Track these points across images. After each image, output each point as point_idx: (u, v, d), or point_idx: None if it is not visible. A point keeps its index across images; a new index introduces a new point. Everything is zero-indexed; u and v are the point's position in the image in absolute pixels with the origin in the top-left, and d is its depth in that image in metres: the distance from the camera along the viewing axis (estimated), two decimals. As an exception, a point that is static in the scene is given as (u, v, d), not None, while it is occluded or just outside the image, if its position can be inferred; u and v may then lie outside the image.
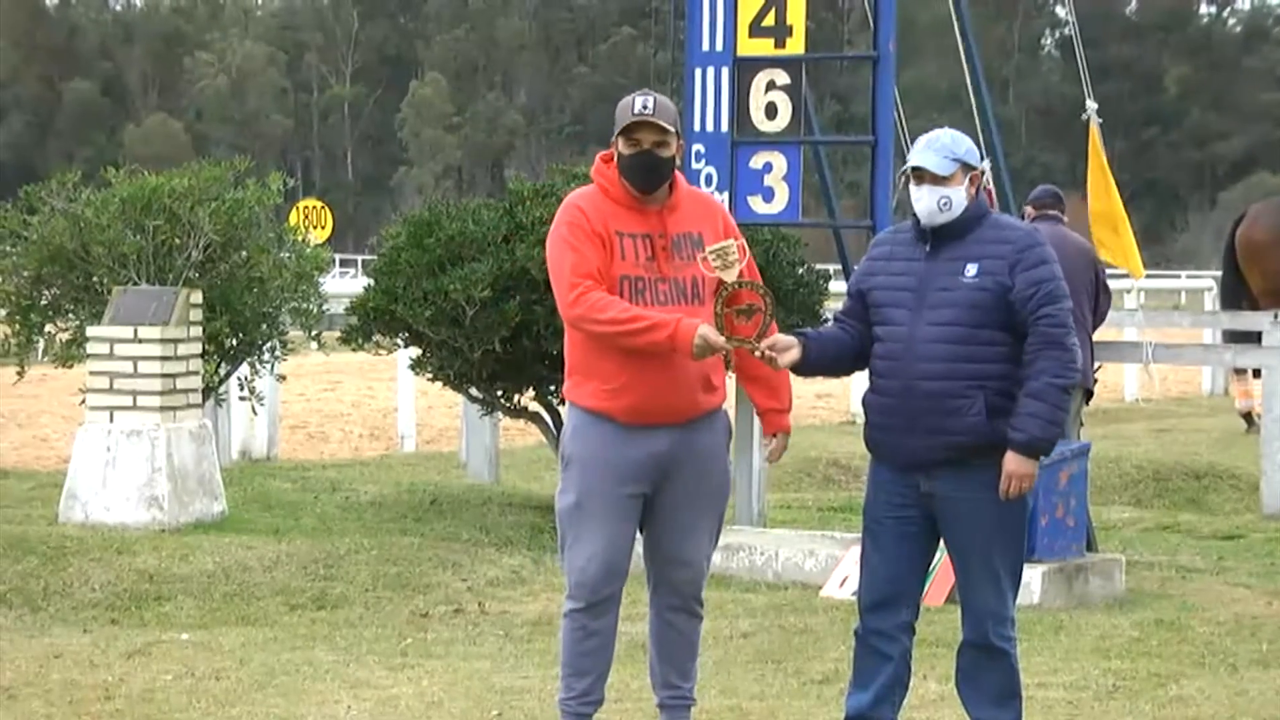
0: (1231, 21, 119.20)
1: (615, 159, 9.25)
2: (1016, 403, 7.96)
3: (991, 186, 16.11)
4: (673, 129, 9.24)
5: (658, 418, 8.87)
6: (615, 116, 9.33)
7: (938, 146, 8.30)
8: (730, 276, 8.53)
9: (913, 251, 8.27)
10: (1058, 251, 14.92)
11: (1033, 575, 13.12)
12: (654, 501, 8.99)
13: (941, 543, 8.38)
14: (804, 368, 8.39)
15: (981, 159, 8.45)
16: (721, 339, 8.42)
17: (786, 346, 8.24)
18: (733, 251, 8.64)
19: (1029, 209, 15.27)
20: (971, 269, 8.09)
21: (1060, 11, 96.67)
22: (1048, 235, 14.76)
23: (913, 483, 8.19)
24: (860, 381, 19.46)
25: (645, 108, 9.16)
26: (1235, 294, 26.84)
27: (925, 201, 8.15)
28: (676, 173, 9.40)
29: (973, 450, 7.99)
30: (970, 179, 8.26)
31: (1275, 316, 24.01)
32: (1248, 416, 24.48)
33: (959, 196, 8.15)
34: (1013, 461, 7.90)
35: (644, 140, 9.06)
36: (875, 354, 8.28)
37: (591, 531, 8.89)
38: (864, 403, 8.47)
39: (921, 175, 8.17)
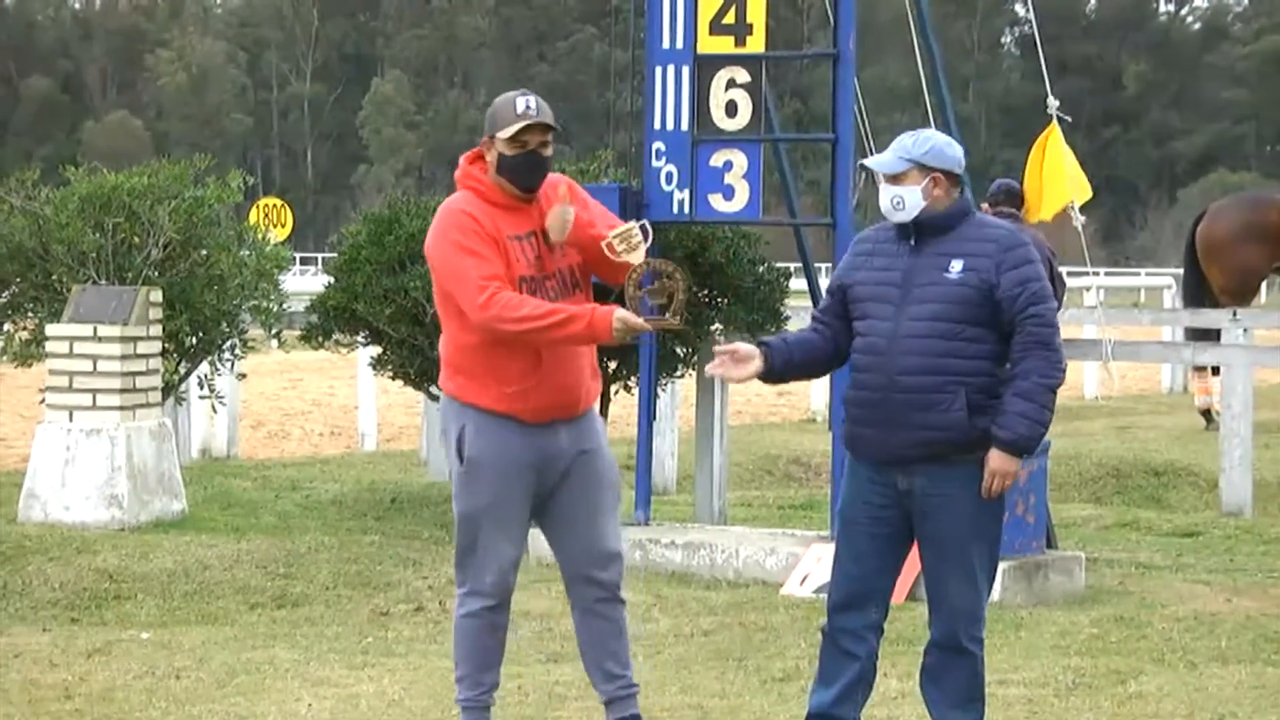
0: (1190, 19, 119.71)
1: (492, 159, 9.18)
2: (1002, 401, 7.95)
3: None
4: (556, 127, 9.31)
5: (559, 414, 9.00)
6: (493, 117, 9.28)
7: (896, 146, 8.25)
8: (637, 258, 8.60)
9: (896, 248, 8.20)
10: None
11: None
12: (555, 498, 9.09)
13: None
14: (770, 376, 8.35)
15: (961, 163, 8.31)
16: (640, 320, 8.56)
17: (747, 357, 8.16)
18: (636, 234, 8.69)
19: (985, 206, 15.22)
20: (956, 265, 8.04)
21: (1020, 9, 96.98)
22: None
23: (890, 480, 8.12)
24: (822, 380, 19.49)
25: (529, 108, 9.13)
26: (1196, 291, 26.94)
27: (881, 200, 8.11)
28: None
29: (953, 447, 7.96)
30: (933, 179, 8.13)
31: (1235, 314, 24.10)
32: (1207, 414, 24.59)
33: (913, 196, 8.08)
34: (997, 459, 7.93)
35: (530, 141, 9.06)
36: (857, 349, 8.19)
37: (504, 531, 8.98)
38: (845, 399, 8.33)
39: (880, 175, 8.10)
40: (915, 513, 8.11)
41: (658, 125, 14.32)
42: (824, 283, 15.00)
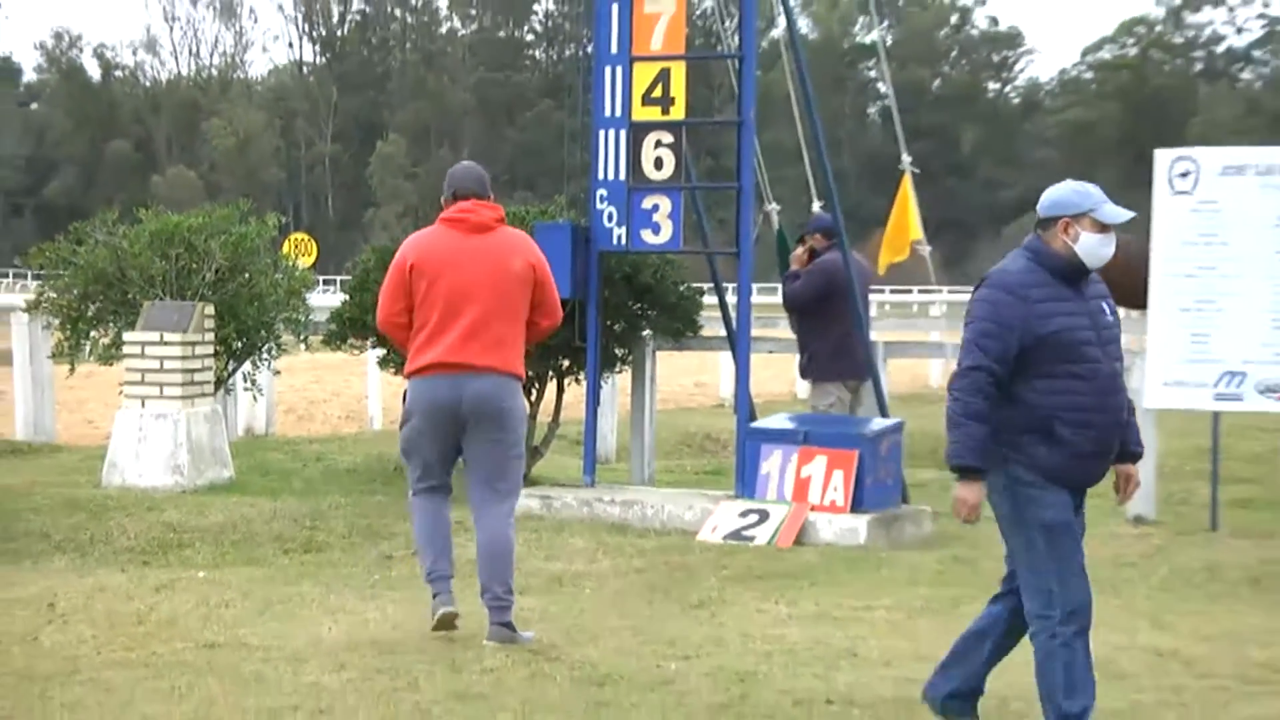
0: (1012, 95, 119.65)
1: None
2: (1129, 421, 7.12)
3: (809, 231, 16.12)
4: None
5: None
6: (446, 182, 9.91)
7: (1102, 195, 7.13)
8: None
9: (1065, 293, 6.94)
10: (853, 269, 14.98)
11: (859, 523, 13.17)
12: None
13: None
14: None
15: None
16: None
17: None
18: None
19: (819, 237, 15.03)
20: (1107, 308, 7.13)
21: (882, 88, 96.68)
22: (836, 259, 14.82)
23: (1078, 501, 7.13)
24: (729, 371, 19.33)
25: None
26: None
27: (1102, 248, 6.97)
28: None
29: None
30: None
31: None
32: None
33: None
34: (1134, 469, 7.24)
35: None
36: (1076, 391, 6.84)
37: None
38: (1061, 438, 6.85)
39: (1107, 226, 6.96)
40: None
41: (601, 176, 14.28)
42: (730, 300, 15.05)
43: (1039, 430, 6.87)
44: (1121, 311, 24.48)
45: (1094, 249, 6.91)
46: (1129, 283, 17.56)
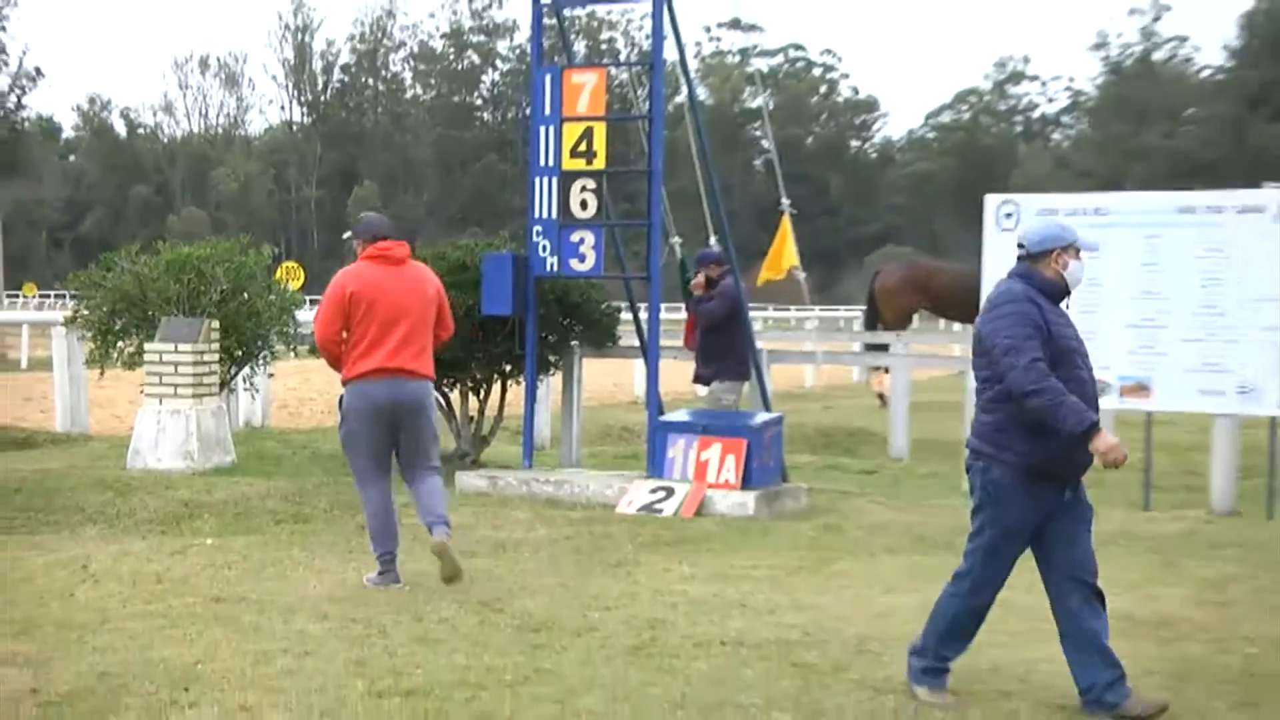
0: (870, 150, 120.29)
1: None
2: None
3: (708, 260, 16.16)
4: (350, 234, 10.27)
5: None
6: (364, 227, 10.22)
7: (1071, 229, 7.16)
8: None
9: (1057, 310, 6.96)
10: (737, 293, 15.02)
11: (748, 498, 13.16)
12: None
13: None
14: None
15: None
16: None
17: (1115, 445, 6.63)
18: None
19: (714, 266, 15.08)
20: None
21: (765, 144, 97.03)
22: (733, 283, 14.87)
23: (1059, 492, 6.92)
24: (641, 371, 19.27)
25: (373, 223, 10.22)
26: (872, 321, 27.19)
27: (1080, 272, 7.04)
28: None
29: None
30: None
31: (897, 336, 24.31)
32: (881, 397, 24.74)
33: None
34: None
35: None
36: (1074, 394, 6.68)
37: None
38: (1055, 433, 6.66)
39: (1078, 251, 6.99)
40: (1061, 513, 6.93)
41: (537, 215, 14.23)
42: (642, 316, 15.06)
43: (1032, 430, 6.74)
44: (957, 326, 24.38)
45: (1077, 273, 6.99)
46: (969, 300, 17.81)
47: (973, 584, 7.07)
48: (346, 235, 10.47)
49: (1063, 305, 7.05)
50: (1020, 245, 7.17)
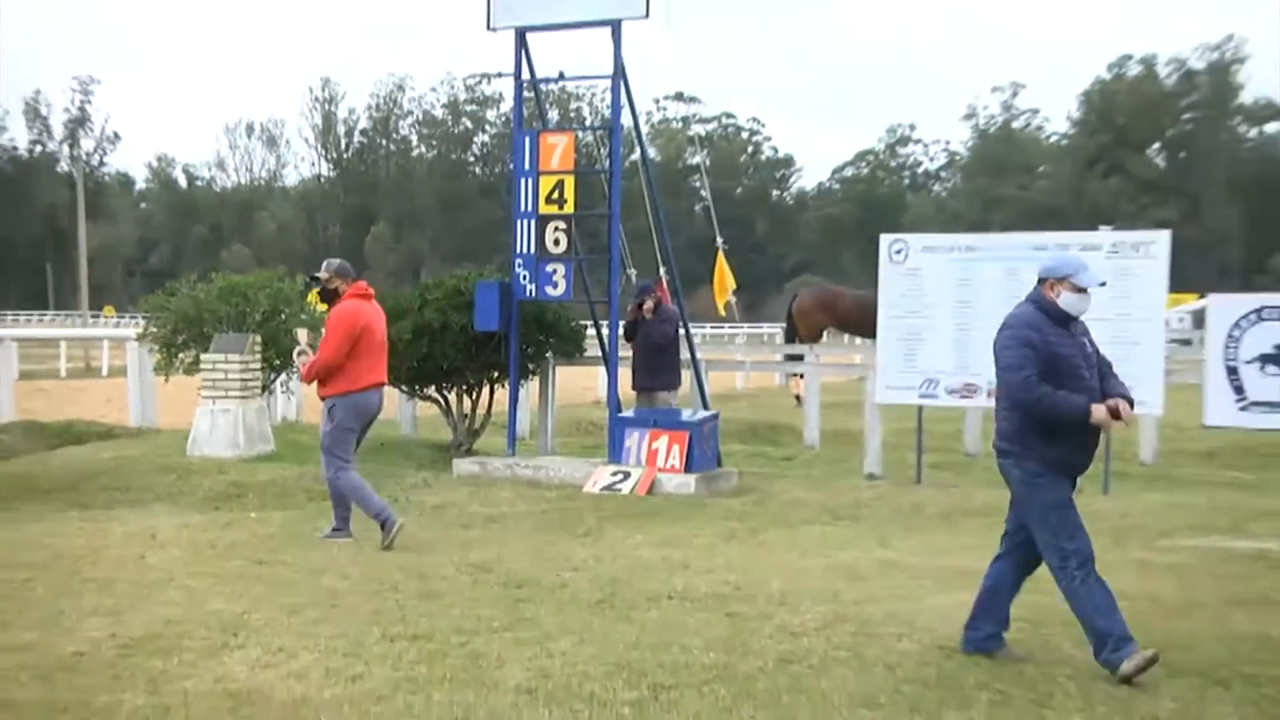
0: (788, 198, 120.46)
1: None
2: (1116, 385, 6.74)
3: (667, 288, 16.16)
4: (329, 274, 10.43)
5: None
6: (344, 270, 10.47)
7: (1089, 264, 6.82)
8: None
9: (1061, 331, 6.62)
10: (681, 315, 15.03)
11: (690, 480, 13.17)
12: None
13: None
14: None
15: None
16: None
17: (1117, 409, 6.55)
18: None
19: (659, 294, 15.15)
20: (1088, 343, 6.75)
21: (703, 193, 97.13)
22: (675, 311, 14.90)
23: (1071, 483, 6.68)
24: (602, 377, 19.23)
25: (327, 266, 10.44)
26: (791, 336, 27.20)
27: (1079, 303, 6.62)
28: (343, 292, 10.41)
29: None
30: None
31: (810, 348, 24.33)
32: (797, 398, 24.74)
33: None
34: (1123, 403, 6.64)
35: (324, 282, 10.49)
36: None
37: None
38: (1061, 437, 6.60)
39: (1084, 289, 6.60)
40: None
41: (519, 250, 14.22)
42: (604, 333, 15.04)
43: (1046, 432, 6.56)
44: (858, 340, 24.20)
45: (1072, 303, 6.63)
46: (868, 320, 17.93)
47: (1077, 558, 6.61)
48: (324, 275, 10.55)
49: (1076, 329, 6.70)
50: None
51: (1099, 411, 6.44)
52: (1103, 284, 6.75)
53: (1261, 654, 6.99)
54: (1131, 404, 6.64)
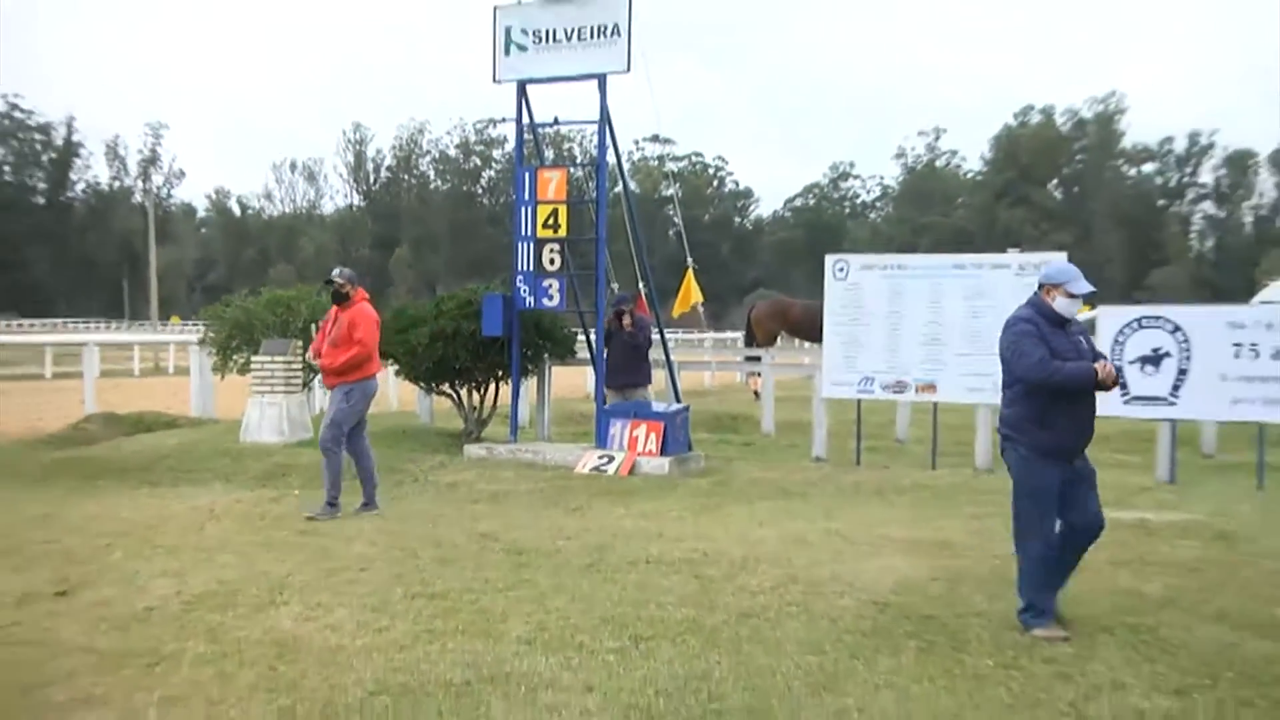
0: (747, 224, 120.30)
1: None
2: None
3: (645, 300, 16.13)
4: (335, 281, 10.44)
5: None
6: (355, 275, 10.64)
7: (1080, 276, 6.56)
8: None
9: (1057, 331, 6.40)
10: (646, 322, 14.98)
11: (665, 462, 13.12)
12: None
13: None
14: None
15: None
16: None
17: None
18: None
19: (625, 309, 15.03)
20: (1084, 340, 6.52)
21: (676, 219, 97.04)
22: (649, 321, 14.87)
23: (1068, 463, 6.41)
24: (591, 376, 19.20)
25: (334, 273, 10.53)
26: (750, 341, 27.19)
27: (1070, 308, 6.43)
28: (352, 295, 10.48)
29: None
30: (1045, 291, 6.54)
31: (766, 351, 24.32)
32: (755, 393, 24.71)
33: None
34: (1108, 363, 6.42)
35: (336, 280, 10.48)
36: (1065, 396, 6.36)
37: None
38: (1054, 425, 6.37)
39: (1074, 295, 6.43)
40: (1073, 478, 6.42)
41: (520, 268, 14.19)
42: (592, 339, 15.02)
43: (1040, 420, 6.37)
44: (807, 344, 23.96)
45: (1065, 307, 6.42)
46: (815, 327, 18.02)
47: (1027, 549, 6.48)
48: (340, 280, 10.58)
49: (1071, 329, 6.49)
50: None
51: (1101, 370, 6.21)
52: (1093, 291, 6.55)
53: (1140, 606, 7.04)
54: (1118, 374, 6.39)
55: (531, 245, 14.18)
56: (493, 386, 15.98)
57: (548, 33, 14.08)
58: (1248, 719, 5.31)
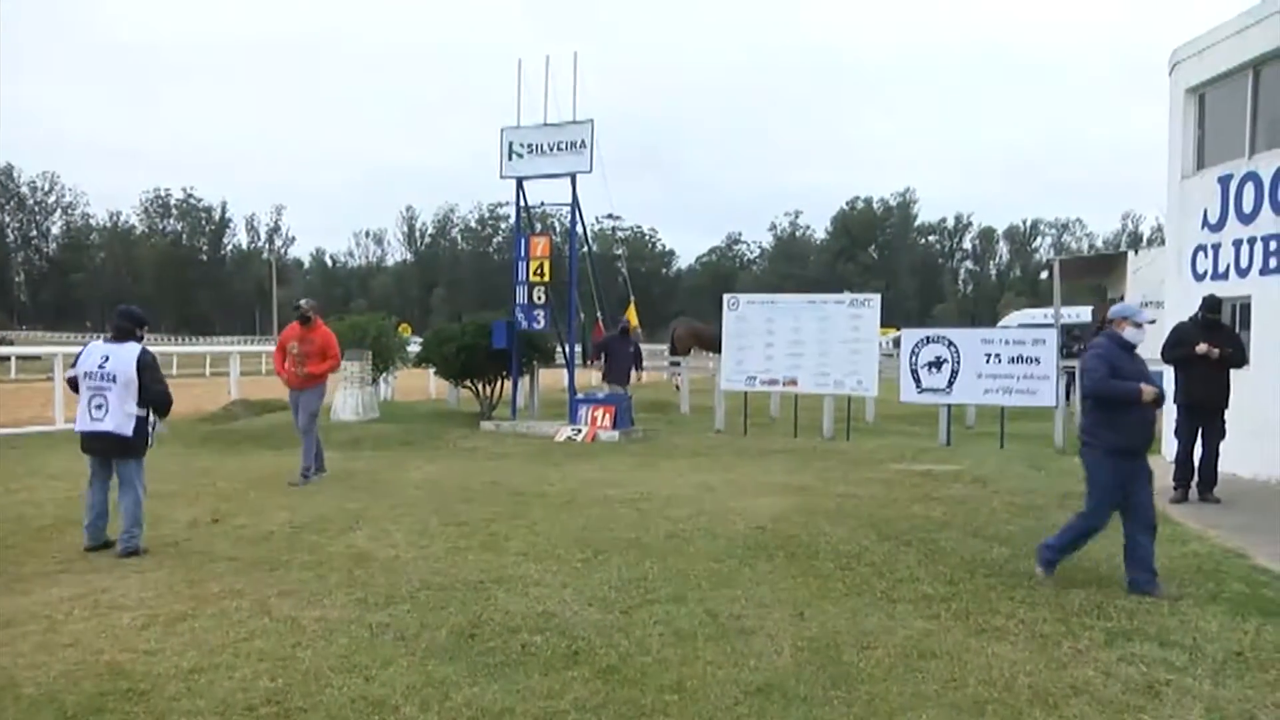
0: (671, 274, 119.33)
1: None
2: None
3: (602, 325, 16.05)
4: (309, 308, 9.08)
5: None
6: (318, 304, 9.37)
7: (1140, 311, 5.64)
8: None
9: (1127, 356, 5.52)
10: (625, 341, 14.80)
11: (616, 433, 12.93)
12: None
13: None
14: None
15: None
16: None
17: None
18: None
19: (615, 329, 14.94)
20: (1146, 366, 5.60)
21: (623, 270, 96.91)
22: (614, 338, 14.71)
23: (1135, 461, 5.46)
24: (564, 376, 19.04)
25: (298, 304, 9.13)
26: (673, 352, 27.11)
27: (1142, 337, 5.57)
28: (314, 319, 9.12)
29: None
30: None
31: (683, 359, 24.23)
32: (676, 388, 24.55)
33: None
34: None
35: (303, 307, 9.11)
36: (1132, 408, 5.43)
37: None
38: (1124, 430, 5.44)
39: (1140, 324, 5.57)
40: (1137, 475, 5.46)
41: (518, 302, 14.09)
42: (566, 349, 14.86)
43: (1114, 426, 5.41)
44: (713, 356, 23.53)
45: (1133, 335, 5.54)
46: (717, 341, 17.99)
47: (1087, 520, 5.58)
48: (306, 306, 9.27)
49: (1135, 354, 5.61)
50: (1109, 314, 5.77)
51: (1146, 391, 5.40)
52: (1152, 321, 5.72)
53: (927, 526, 7.12)
54: (1163, 394, 5.53)
55: (526, 287, 14.10)
56: (500, 382, 15.85)
57: (536, 145, 14.02)
58: (992, 598, 5.41)
